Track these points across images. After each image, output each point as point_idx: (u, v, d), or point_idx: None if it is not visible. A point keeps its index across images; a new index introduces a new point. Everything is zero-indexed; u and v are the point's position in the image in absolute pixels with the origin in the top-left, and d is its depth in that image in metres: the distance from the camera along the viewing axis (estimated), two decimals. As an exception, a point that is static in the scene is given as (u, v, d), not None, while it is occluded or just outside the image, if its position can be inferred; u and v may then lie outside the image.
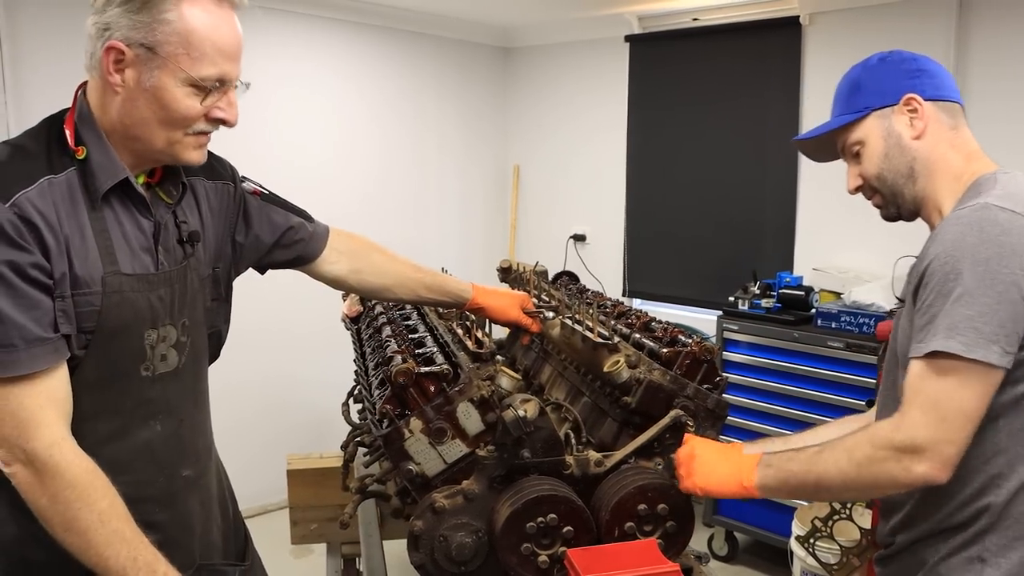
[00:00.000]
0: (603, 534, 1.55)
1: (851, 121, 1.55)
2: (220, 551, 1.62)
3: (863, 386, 3.41)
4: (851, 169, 1.61)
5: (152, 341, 1.40)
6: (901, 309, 1.53)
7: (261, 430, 4.41)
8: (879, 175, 1.54)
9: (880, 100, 1.53)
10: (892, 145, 1.52)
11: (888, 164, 1.53)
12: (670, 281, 4.90)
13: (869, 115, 1.54)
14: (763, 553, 4.04)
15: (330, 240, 1.80)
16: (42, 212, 1.27)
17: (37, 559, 1.38)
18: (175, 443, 1.49)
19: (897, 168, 1.52)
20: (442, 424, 1.57)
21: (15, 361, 1.24)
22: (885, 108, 1.53)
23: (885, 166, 1.53)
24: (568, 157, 5.32)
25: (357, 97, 4.80)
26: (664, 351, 1.79)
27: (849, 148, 1.58)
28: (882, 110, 1.53)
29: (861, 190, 1.60)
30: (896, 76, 1.53)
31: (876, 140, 1.53)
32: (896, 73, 1.54)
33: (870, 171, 1.55)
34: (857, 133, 1.55)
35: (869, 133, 1.54)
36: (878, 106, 1.53)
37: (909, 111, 1.51)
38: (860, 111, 1.54)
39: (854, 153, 1.57)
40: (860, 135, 1.55)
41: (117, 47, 1.29)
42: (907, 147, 1.51)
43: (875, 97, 1.54)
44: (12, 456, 1.26)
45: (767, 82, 4.33)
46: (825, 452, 1.41)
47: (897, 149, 1.52)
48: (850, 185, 1.61)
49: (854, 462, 1.36)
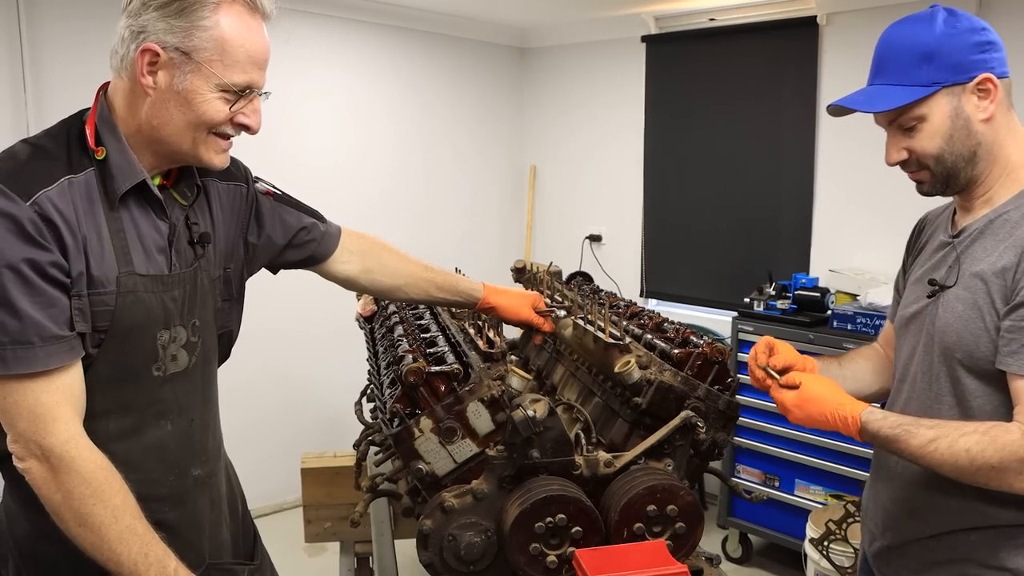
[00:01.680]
0: (612, 535, 1.55)
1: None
2: (229, 550, 1.64)
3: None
4: (896, 140, 1.49)
5: (164, 341, 1.42)
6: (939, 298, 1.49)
7: (276, 429, 4.44)
8: (939, 156, 1.45)
9: (953, 76, 1.41)
10: (959, 127, 1.42)
11: (950, 146, 1.43)
12: (686, 282, 4.89)
13: (939, 91, 1.41)
14: (777, 555, 4.03)
15: (342, 240, 1.81)
16: (62, 211, 1.28)
17: (50, 555, 1.40)
18: (185, 442, 1.51)
19: (959, 151, 1.44)
20: (452, 423, 1.58)
21: (32, 358, 1.26)
22: (956, 86, 1.42)
23: (947, 147, 1.44)
24: (584, 157, 5.31)
25: (373, 97, 4.82)
26: (675, 352, 1.78)
27: (904, 121, 1.45)
28: (952, 87, 1.41)
29: (903, 164, 1.50)
30: (968, 49, 1.41)
31: (942, 119, 1.42)
32: (968, 45, 1.41)
33: (928, 150, 1.45)
34: (920, 108, 1.43)
35: (934, 110, 1.42)
36: (950, 83, 1.41)
37: (981, 91, 1.42)
38: (929, 86, 1.41)
39: (908, 127, 1.46)
40: (923, 111, 1.43)
41: (152, 49, 1.31)
42: (975, 131, 1.43)
43: (948, 72, 1.41)
44: (27, 451, 1.28)
45: (784, 82, 4.31)
46: (941, 441, 1.35)
47: (964, 132, 1.43)
48: (892, 158, 1.50)
49: (975, 465, 1.33)
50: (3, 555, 1.48)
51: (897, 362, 1.66)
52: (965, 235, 1.49)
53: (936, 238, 1.61)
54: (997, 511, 1.44)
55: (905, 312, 1.61)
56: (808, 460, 3.67)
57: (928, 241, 1.67)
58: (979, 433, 1.33)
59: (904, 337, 1.62)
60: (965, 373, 1.45)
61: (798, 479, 3.74)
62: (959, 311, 1.45)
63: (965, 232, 1.49)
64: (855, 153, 4.00)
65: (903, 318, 1.62)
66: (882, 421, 1.42)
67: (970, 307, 1.43)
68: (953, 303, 1.46)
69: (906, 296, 1.64)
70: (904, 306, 1.63)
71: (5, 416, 1.29)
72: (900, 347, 1.64)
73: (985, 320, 1.41)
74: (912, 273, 1.66)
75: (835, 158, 4.13)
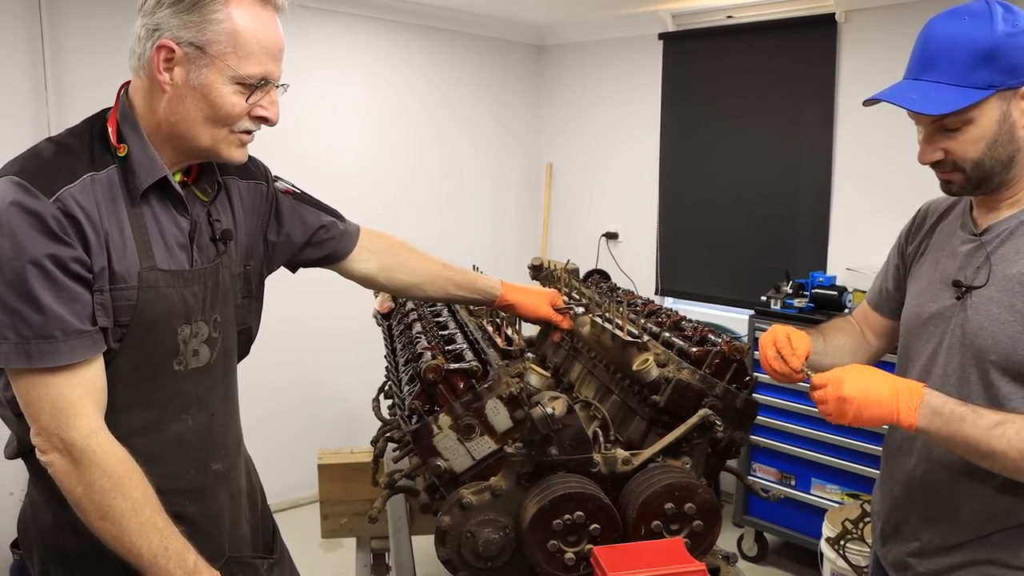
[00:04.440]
0: (629, 532, 1.55)
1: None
2: (249, 544, 1.65)
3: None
4: (934, 139, 1.43)
5: (185, 336, 1.43)
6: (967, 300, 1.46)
7: (293, 425, 4.46)
8: (978, 161, 1.40)
9: (1009, 80, 1.35)
10: (1004, 132, 1.38)
11: (992, 151, 1.39)
12: (702, 280, 4.87)
13: (993, 95, 1.35)
14: (793, 554, 4.01)
15: (361, 239, 1.82)
16: (84, 208, 1.30)
17: (73, 547, 1.41)
18: (206, 437, 1.52)
19: (999, 157, 1.39)
20: (471, 421, 1.58)
21: (55, 352, 1.27)
22: (1009, 90, 1.36)
23: (989, 153, 1.39)
24: (601, 155, 5.31)
25: (391, 94, 4.83)
26: (694, 350, 1.78)
27: (950, 122, 1.39)
28: (1005, 92, 1.36)
29: (937, 164, 1.45)
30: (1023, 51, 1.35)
31: (989, 124, 1.37)
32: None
33: (970, 155, 1.40)
34: (972, 111, 1.36)
35: (984, 114, 1.37)
36: (1005, 87, 1.35)
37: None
38: (986, 89, 1.35)
39: (953, 128, 1.40)
40: (973, 113, 1.37)
41: (168, 46, 1.33)
42: (1018, 137, 1.39)
43: (1005, 75, 1.35)
44: (50, 444, 1.30)
45: (802, 80, 4.29)
46: (1008, 427, 1.32)
47: (1007, 137, 1.38)
48: (927, 157, 1.45)
49: None
50: (28, 546, 1.50)
51: (909, 361, 1.62)
52: (992, 234, 1.46)
53: (949, 234, 1.58)
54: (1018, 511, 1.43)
55: (922, 311, 1.57)
56: (825, 459, 3.65)
57: (936, 233, 1.62)
58: None
59: (921, 337, 1.58)
60: (1000, 376, 1.42)
61: (814, 478, 3.72)
62: (994, 314, 1.42)
63: (992, 231, 1.47)
64: (873, 151, 3.98)
65: (919, 316, 1.58)
66: (947, 399, 1.36)
67: (1007, 310, 1.40)
68: (987, 305, 1.43)
69: (921, 294, 1.60)
70: (919, 304, 1.59)
71: (28, 409, 1.31)
72: (913, 346, 1.60)
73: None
74: (921, 269, 1.63)
75: (853, 156, 4.10)
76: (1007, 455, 1.32)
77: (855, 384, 1.38)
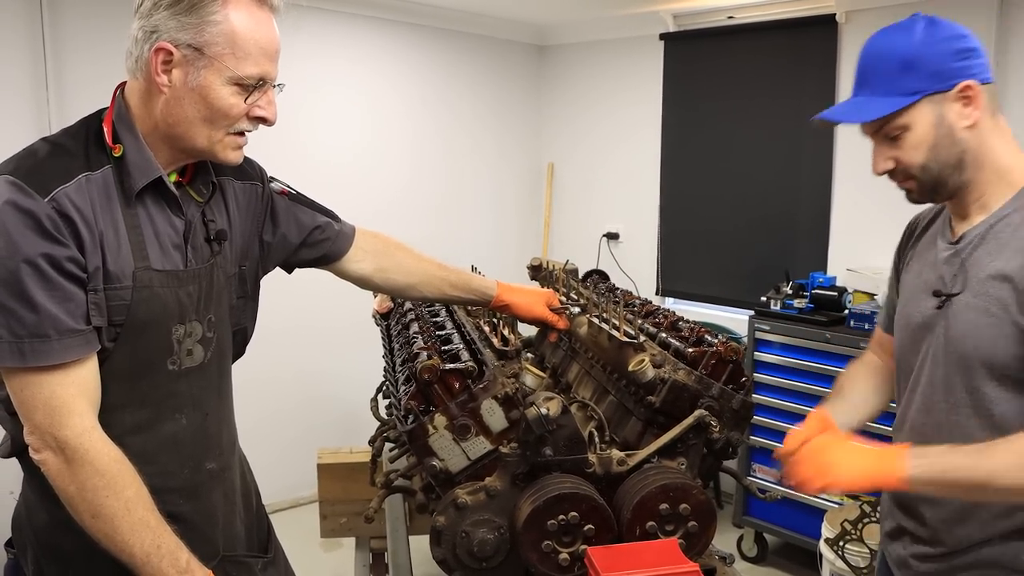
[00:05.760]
0: (624, 533, 1.55)
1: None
2: (243, 543, 1.65)
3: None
4: (882, 150, 1.48)
5: (179, 336, 1.43)
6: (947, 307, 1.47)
7: (292, 425, 4.46)
8: (924, 165, 1.44)
9: (934, 84, 1.40)
10: (943, 135, 1.42)
11: (935, 155, 1.43)
12: (703, 280, 4.87)
13: (922, 100, 1.40)
14: (792, 555, 4.01)
15: (356, 239, 1.82)
16: (79, 207, 1.30)
17: (67, 546, 1.42)
18: (200, 436, 1.52)
19: (945, 160, 1.43)
20: (466, 421, 1.58)
21: (48, 351, 1.27)
22: (938, 94, 1.40)
23: (932, 156, 1.43)
24: (602, 155, 5.30)
25: (391, 94, 4.83)
26: (690, 351, 1.78)
27: (888, 131, 1.45)
28: (934, 96, 1.40)
29: (891, 174, 1.49)
30: (948, 56, 1.40)
31: (925, 128, 1.42)
32: (948, 53, 1.40)
33: (914, 160, 1.44)
34: (904, 118, 1.42)
35: (918, 120, 1.41)
36: (931, 91, 1.40)
37: (963, 98, 1.41)
38: (912, 95, 1.40)
39: (893, 136, 1.45)
40: (906, 120, 1.42)
41: (166, 48, 1.33)
42: (959, 139, 1.42)
43: (930, 80, 1.40)
44: (43, 443, 1.30)
45: (803, 81, 4.28)
46: (996, 453, 1.33)
47: (948, 140, 1.42)
48: (880, 168, 1.49)
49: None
50: (22, 544, 1.50)
51: (902, 373, 1.63)
52: (966, 241, 1.47)
53: (931, 243, 1.59)
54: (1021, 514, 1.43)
55: (910, 321, 1.58)
56: (825, 460, 3.64)
57: (920, 244, 1.64)
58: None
59: (910, 347, 1.58)
60: (985, 381, 1.43)
61: (814, 479, 3.71)
62: (971, 319, 1.43)
63: (965, 238, 1.48)
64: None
65: (909, 328, 1.58)
66: (921, 460, 1.36)
67: (983, 314, 1.41)
68: (964, 312, 1.44)
69: (907, 304, 1.60)
70: (906, 315, 1.59)
71: (22, 408, 1.31)
72: (905, 357, 1.61)
73: (1001, 326, 1.39)
74: (907, 278, 1.64)
75: (853, 156, 4.10)
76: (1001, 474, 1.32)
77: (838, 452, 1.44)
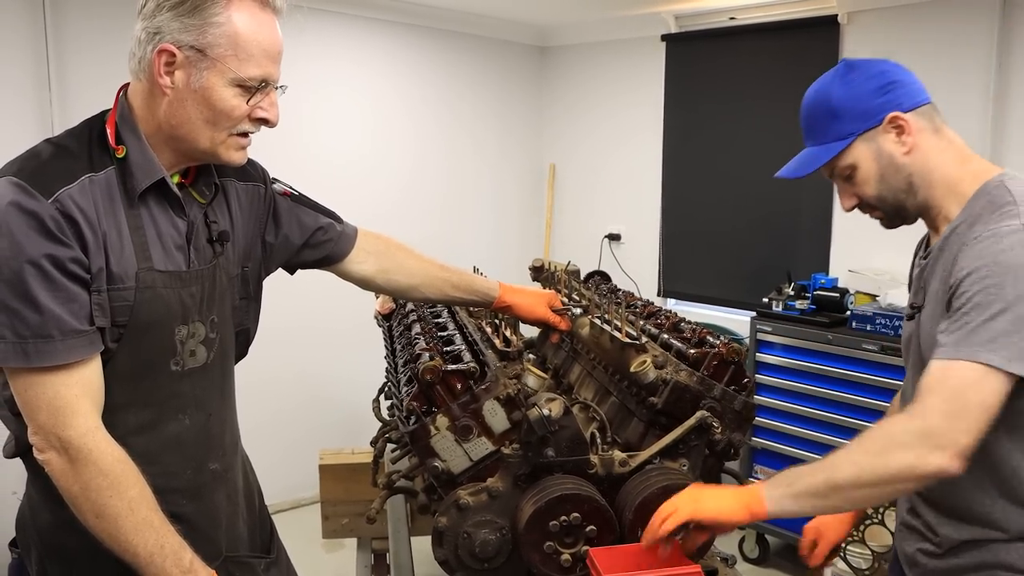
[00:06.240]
0: (626, 534, 1.56)
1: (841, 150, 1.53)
2: (246, 543, 1.65)
3: (897, 389, 3.35)
4: (844, 189, 1.59)
5: (182, 337, 1.44)
6: (917, 320, 1.54)
7: (294, 425, 4.46)
8: (879, 196, 1.54)
9: (863, 124, 1.51)
10: (885, 166, 1.51)
11: (885, 184, 1.53)
12: (705, 282, 4.87)
13: (855, 140, 1.51)
14: (794, 556, 4.00)
15: (358, 240, 1.82)
16: (82, 208, 1.30)
17: (70, 545, 1.42)
18: (203, 437, 1.52)
19: (895, 186, 1.52)
20: (468, 422, 1.58)
21: (52, 351, 1.28)
22: (869, 131, 1.51)
23: (883, 187, 1.53)
24: (604, 156, 5.31)
25: (393, 96, 4.83)
26: (692, 352, 1.78)
27: (840, 172, 1.56)
28: (866, 133, 1.51)
29: (859, 208, 1.60)
30: (870, 94, 1.51)
31: (868, 163, 1.52)
32: (869, 91, 1.51)
33: (868, 193, 1.55)
34: (847, 159, 1.53)
35: (859, 157, 1.52)
36: (862, 130, 1.51)
37: (894, 128, 1.50)
38: (846, 138, 1.52)
39: (846, 176, 1.56)
40: (850, 160, 1.53)
41: (168, 50, 1.33)
42: (901, 165, 1.51)
43: (857, 122, 1.51)
44: (47, 443, 1.30)
45: (805, 82, 4.19)
46: (837, 452, 1.40)
47: (891, 169, 1.51)
48: (846, 205, 1.60)
49: (869, 453, 1.36)
50: (26, 545, 1.51)
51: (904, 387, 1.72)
52: (931, 255, 1.54)
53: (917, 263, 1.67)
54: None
55: (902, 336, 1.67)
56: (826, 461, 3.64)
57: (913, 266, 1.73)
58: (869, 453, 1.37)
59: (905, 360, 1.67)
60: None
61: (816, 480, 3.71)
62: (929, 330, 1.48)
63: (931, 252, 1.55)
64: (876, 153, 3.97)
65: (902, 342, 1.67)
66: (775, 489, 1.43)
67: (936, 322, 1.46)
68: (926, 323, 1.51)
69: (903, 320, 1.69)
70: (903, 331, 1.68)
71: (26, 408, 1.31)
72: (906, 371, 1.69)
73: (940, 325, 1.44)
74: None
75: (856, 158, 4.10)
76: (842, 470, 1.36)
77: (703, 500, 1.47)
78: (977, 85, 3.63)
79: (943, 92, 3.81)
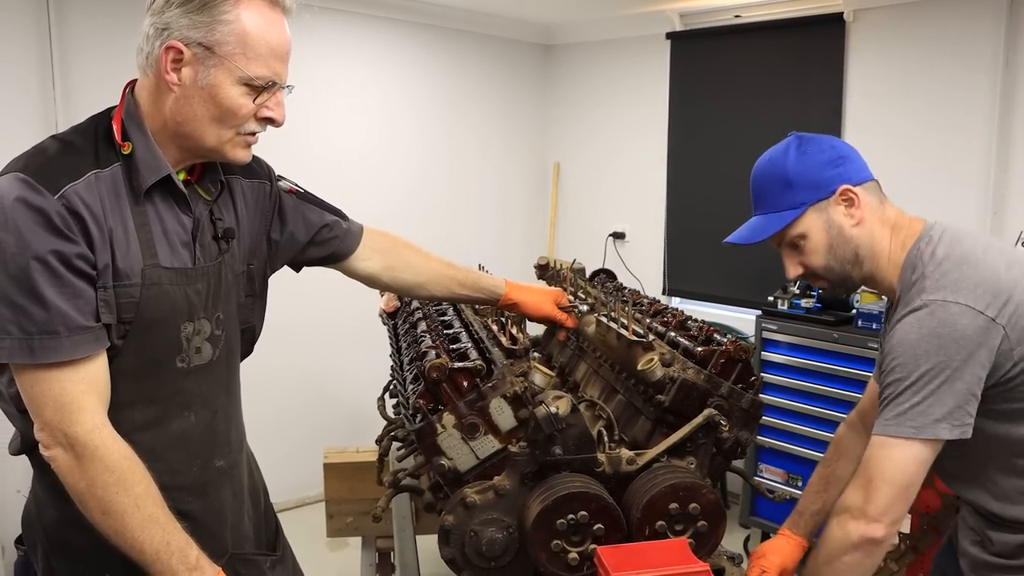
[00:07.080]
0: (634, 532, 1.55)
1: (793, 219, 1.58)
2: (252, 541, 1.65)
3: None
4: (790, 257, 1.63)
5: (188, 334, 1.43)
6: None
7: (299, 424, 4.46)
8: (826, 266, 1.59)
9: (815, 194, 1.56)
10: (835, 236, 1.56)
11: (833, 255, 1.58)
12: (709, 280, 4.86)
13: (807, 210, 1.56)
14: (800, 556, 3.99)
15: (364, 238, 1.82)
16: (88, 205, 1.30)
17: (76, 542, 1.42)
18: (208, 434, 1.52)
19: (843, 257, 1.57)
20: (475, 420, 1.58)
21: (58, 348, 1.27)
22: (821, 201, 1.56)
23: (830, 257, 1.58)
24: (608, 154, 5.30)
25: (399, 94, 4.83)
26: (699, 350, 1.78)
27: (789, 240, 1.60)
28: (819, 203, 1.56)
29: (804, 277, 1.65)
30: (822, 167, 1.57)
31: (819, 233, 1.57)
32: (821, 164, 1.57)
33: (817, 263, 1.59)
34: (798, 228, 1.58)
35: (810, 227, 1.57)
36: (814, 200, 1.56)
37: (844, 201, 1.56)
38: (798, 207, 1.56)
39: (794, 245, 1.60)
40: (801, 229, 1.58)
41: (176, 46, 1.33)
42: (850, 236, 1.56)
43: (810, 192, 1.56)
44: (53, 440, 1.30)
45: (810, 80, 4.27)
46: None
47: (840, 239, 1.56)
48: (791, 273, 1.64)
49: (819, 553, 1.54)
50: (32, 542, 1.50)
51: None
52: (890, 324, 1.59)
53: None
54: None
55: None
56: (832, 460, 3.63)
57: None
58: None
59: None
60: None
61: (822, 479, 3.71)
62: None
63: (889, 321, 1.60)
64: (879, 152, 3.92)
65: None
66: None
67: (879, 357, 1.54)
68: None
69: None
70: None
71: (32, 405, 1.31)
72: None
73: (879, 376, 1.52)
74: None
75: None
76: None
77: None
78: (984, 83, 3.61)
79: (949, 90, 3.82)
